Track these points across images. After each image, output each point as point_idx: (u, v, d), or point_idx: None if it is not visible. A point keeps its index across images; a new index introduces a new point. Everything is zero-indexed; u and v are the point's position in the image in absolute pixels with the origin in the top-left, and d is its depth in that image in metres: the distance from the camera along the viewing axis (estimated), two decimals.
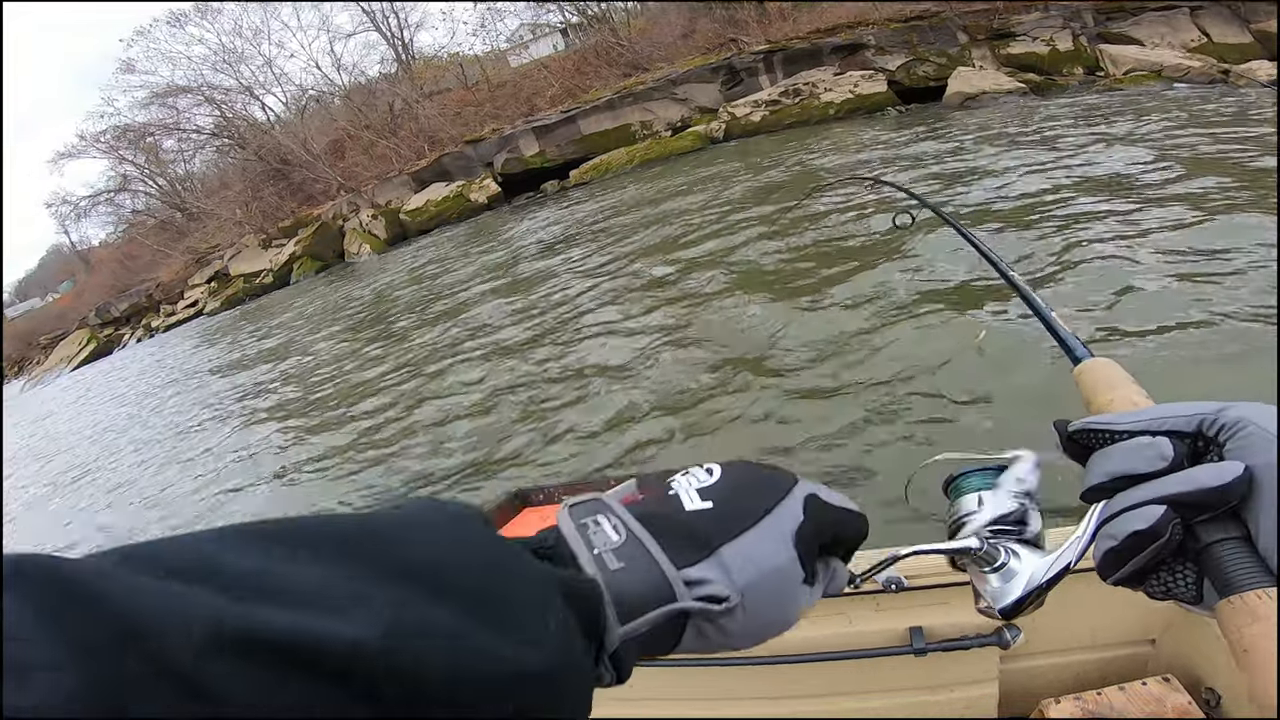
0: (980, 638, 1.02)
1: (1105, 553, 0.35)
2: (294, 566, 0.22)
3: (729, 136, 16.65)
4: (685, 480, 0.39)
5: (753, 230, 6.80)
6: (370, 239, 20.52)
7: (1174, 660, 1.11)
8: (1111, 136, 7.56)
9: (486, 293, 8.26)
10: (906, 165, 8.51)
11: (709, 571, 0.33)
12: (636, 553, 0.33)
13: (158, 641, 0.17)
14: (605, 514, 0.35)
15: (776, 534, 0.36)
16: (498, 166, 20.04)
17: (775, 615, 0.36)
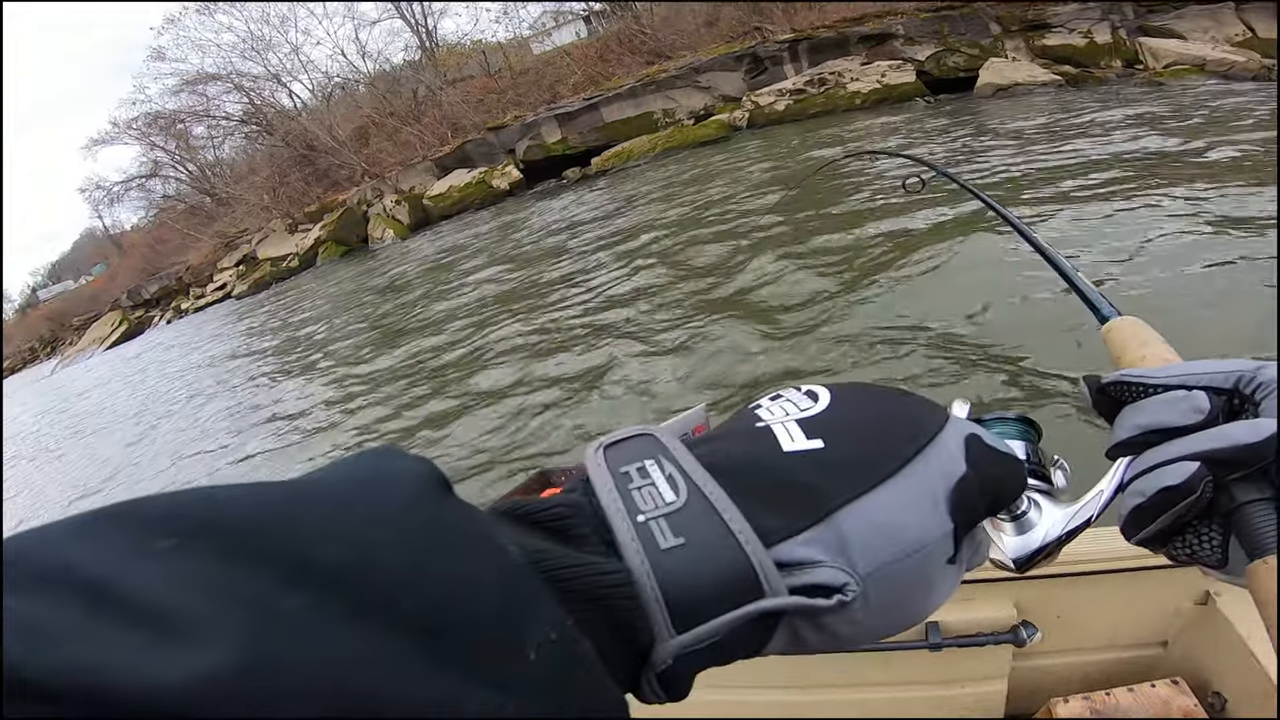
0: (996, 635, 1.05)
1: (1132, 509, 0.34)
2: (144, 564, 0.15)
3: (752, 125, 16.47)
4: (779, 407, 0.29)
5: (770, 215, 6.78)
6: (394, 224, 20.72)
7: (1184, 663, 1.13)
8: (1153, 119, 7.39)
9: (509, 277, 8.33)
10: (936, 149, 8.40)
11: (817, 548, 0.24)
12: (703, 521, 0.23)
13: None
14: (658, 459, 0.25)
15: (923, 493, 0.26)
16: (520, 153, 20.08)
17: (906, 611, 0.26)
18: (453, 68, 26.11)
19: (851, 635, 0.25)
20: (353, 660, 0.15)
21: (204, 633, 0.13)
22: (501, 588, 0.18)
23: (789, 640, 0.24)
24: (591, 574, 0.21)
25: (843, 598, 0.23)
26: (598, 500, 0.24)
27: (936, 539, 0.26)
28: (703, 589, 0.22)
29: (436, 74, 25.56)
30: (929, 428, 0.28)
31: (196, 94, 27.64)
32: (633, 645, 0.22)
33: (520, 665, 0.17)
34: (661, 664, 0.22)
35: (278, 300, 16.50)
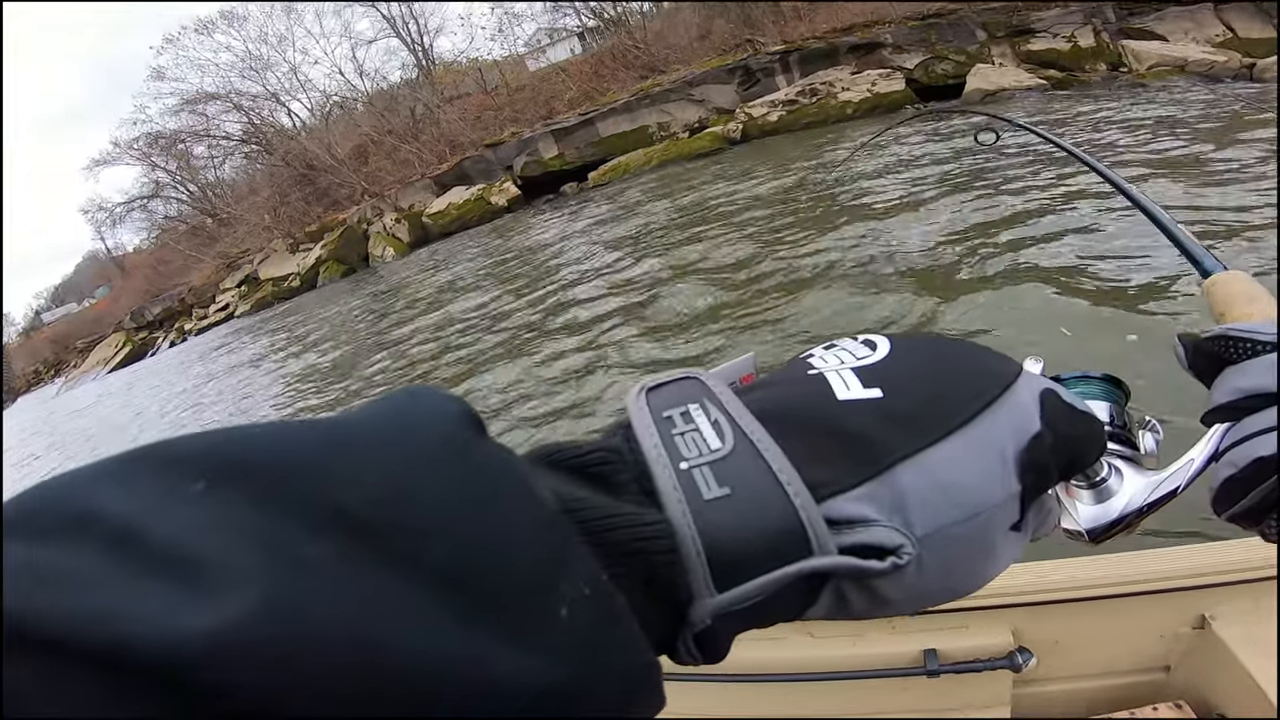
0: (993, 661, 1.05)
1: (1224, 481, 0.31)
2: (172, 509, 0.14)
3: (746, 137, 16.60)
4: (834, 356, 0.27)
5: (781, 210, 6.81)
6: (394, 242, 20.84)
7: (1187, 687, 1.12)
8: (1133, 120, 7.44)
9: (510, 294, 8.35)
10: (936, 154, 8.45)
11: (872, 505, 0.22)
12: (749, 470, 0.21)
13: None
14: (703, 403, 0.23)
15: (991, 451, 0.23)
16: (517, 169, 20.23)
17: (961, 578, 0.24)
18: (449, 85, 26.37)
19: (900, 601, 0.23)
20: (378, 611, 0.14)
21: (228, 581, 0.13)
22: (534, 538, 0.17)
23: (833, 603, 0.22)
24: (630, 525, 0.20)
25: (897, 560, 0.21)
26: (638, 446, 0.22)
27: (1001, 501, 0.23)
28: (747, 544, 0.20)
29: (434, 92, 25.81)
30: (1000, 380, 0.25)
31: (196, 113, 28.01)
32: (670, 603, 0.20)
33: (551, 622, 0.16)
34: (700, 623, 0.20)
35: (281, 320, 16.57)
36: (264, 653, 0.13)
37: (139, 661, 0.12)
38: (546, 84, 23.28)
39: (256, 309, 22.25)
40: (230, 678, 0.12)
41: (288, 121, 28.36)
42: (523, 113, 22.52)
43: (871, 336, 0.27)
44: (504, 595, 0.16)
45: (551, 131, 19.81)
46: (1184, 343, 0.36)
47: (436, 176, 21.77)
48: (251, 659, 0.13)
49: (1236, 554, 1.05)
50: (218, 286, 25.66)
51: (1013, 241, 4.61)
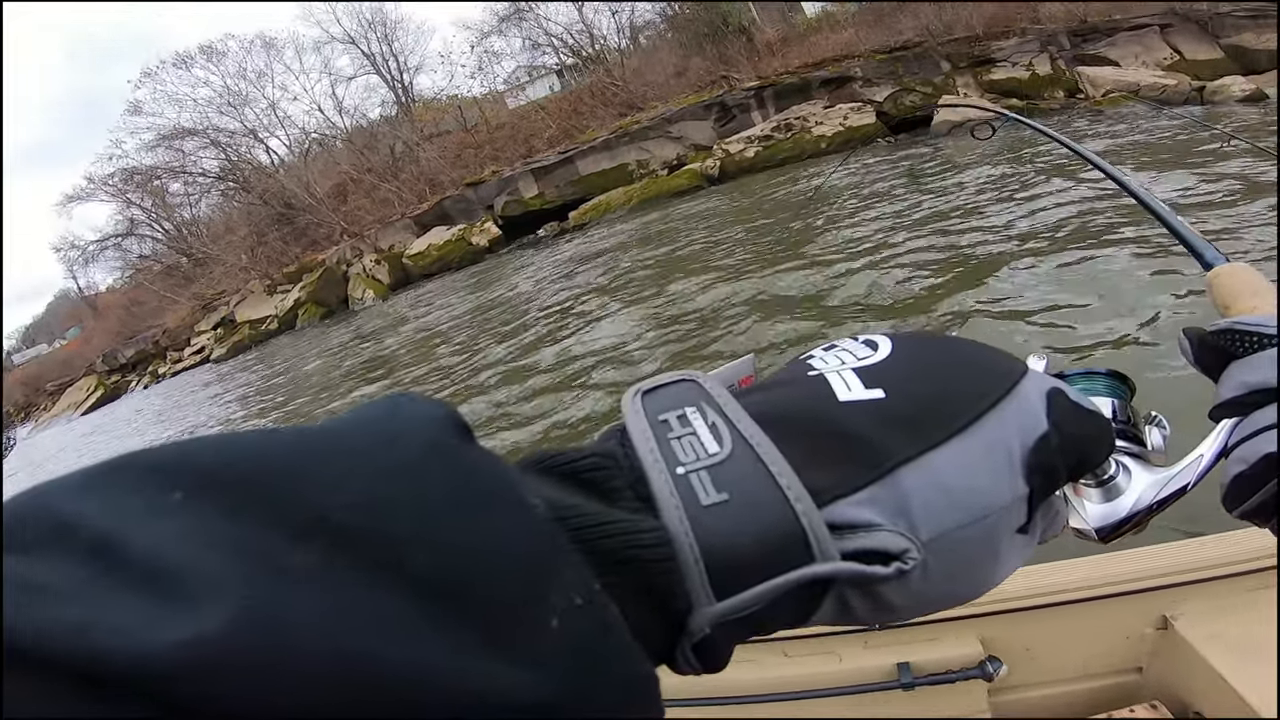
0: (965, 671, 1.06)
1: (1234, 478, 0.31)
2: (150, 519, 0.14)
3: (724, 174, 16.95)
4: (834, 356, 0.26)
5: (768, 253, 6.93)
6: (374, 284, 20.78)
7: (1160, 687, 1.14)
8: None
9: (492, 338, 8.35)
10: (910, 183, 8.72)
11: (875, 509, 0.21)
12: (748, 475, 0.21)
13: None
14: (700, 406, 0.23)
15: (997, 452, 0.23)
16: (498, 209, 20.40)
17: (967, 583, 0.24)
18: (429, 123, 26.72)
19: (904, 607, 0.22)
20: (359, 622, 0.14)
21: (206, 592, 0.13)
22: (523, 547, 0.17)
23: (836, 609, 0.22)
24: (624, 533, 0.19)
25: (902, 566, 0.21)
26: (634, 450, 0.21)
27: (1008, 504, 0.23)
28: (746, 551, 0.20)
29: (413, 129, 26.12)
30: (1005, 380, 0.25)
31: (173, 149, 27.91)
32: (668, 612, 0.20)
33: (541, 633, 0.16)
34: (698, 633, 0.20)
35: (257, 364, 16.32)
36: (243, 664, 0.12)
37: (116, 674, 0.12)
38: (526, 121, 23.71)
39: (233, 353, 21.91)
40: (208, 690, 0.12)
41: (266, 159, 28.48)
42: (503, 151, 22.85)
43: (873, 336, 0.27)
44: (491, 605, 0.15)
45: (531, 170, 20.08)
46: (1189, 337, 0.35)
47: (417, 216, 21.87)
48: (230, 671, 0.12)
49: (1194, 553, 1.08)
50: (192, 329, 25.30)
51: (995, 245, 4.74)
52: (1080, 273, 3.90)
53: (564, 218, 19.04)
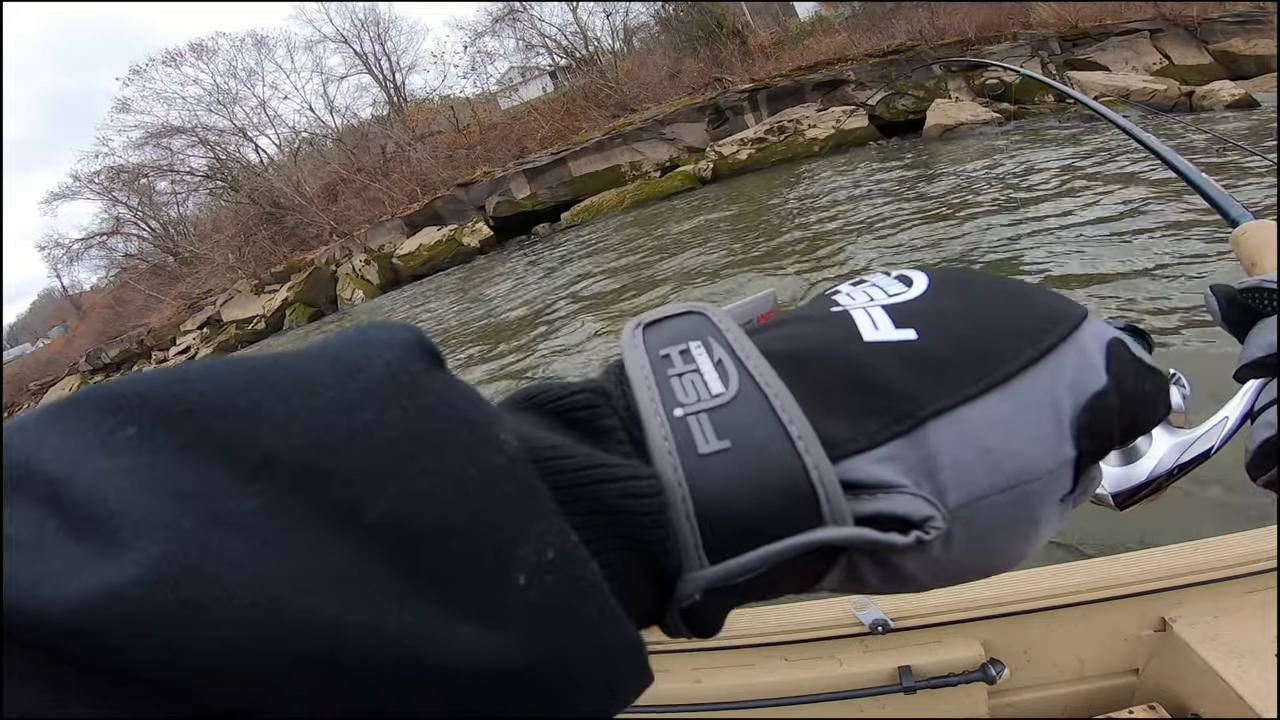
0: (966, 674, 1.05)
1: (1260, 444, 0.29)
2: (100, 458, 0.13)
3: (717, 176, 16.96)
4: (862, 292, 0.23)
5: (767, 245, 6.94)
6: (363, 284, 20.64)
7: (1158, 689, 1.14)
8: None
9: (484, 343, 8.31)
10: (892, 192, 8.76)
11: (897, 468, 0.18)
12: (754, 420, 0.18)
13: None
14: (707, 340, 0.20)
15: (1044, 408, 0.20)
16: (490, 210, 20.32)
17: (995, 556, 0.20)
18: (421, 123, 26.61)
19: (922, 579, 0.20)
20: (298, 571, 0.13)
21: (134, 537, 0.12)
22: (489, 491, 0.15)
23: (845, 577, 0.20)
24: (612, 479, 0.17)
25: (922, 535, 0.18)
26: (630, 387, 0.19)
27: (1052, 469, 0.20)
28: (747, 508, 0.17)
29: (405, 129, 26.01)
30: (1060, 325, 0.21)
31: (161, 147, 27.59)
32: (656, 571, 0.17)
33: (506, 590, 0.14)
34: (687, 599, 0.18)
35: None
36: (157, 615, 0.11)
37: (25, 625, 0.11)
38: (519, 122, 23.67)
39: (220, 353, 21.71)
40: (121, 644, 0.11)
41: (255, 158, 28.23)
42: (495, 151, 22.79)
43: (907, 272, 0.23)
44: (449, 557, 0.14)
45: (524, 171, 20.03)
46: (1216, 294, 0.33)
47: (407, 216, 21.76)
48: (141, 623, 0.11)
49: (1193, 556, 1.08)
50: (178, 328, 25.00)
51: None
52: (1094, 235, 3.91)
53: (556, 219, 18.99)
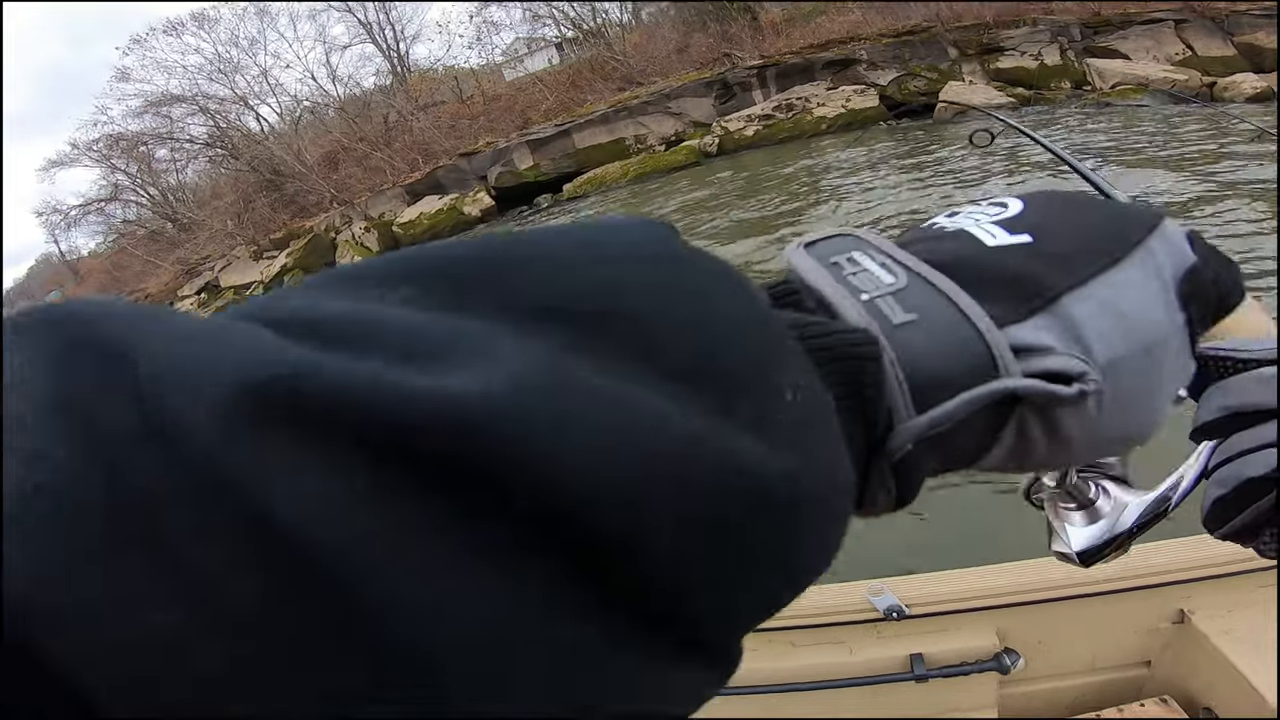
0: (980, 664, 1.03)
1: (1214, 502, 0.31)
2: (382, 308, 0.13)
3: (722, 151, 16.70)
4: (966, 216, 0.25)
5: None
6: (362, 251, 20.47)
7: (1170, 682, 1.12)
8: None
9: None
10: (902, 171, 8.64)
11: (1047, 333, 0.21)
12: (929, 300, 0.20)
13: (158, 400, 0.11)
14: (866, 250, 0.22)
15: (1154, 279, 0.23)
16: (491, 180, 20.09)
17: (1140, 414, 0.23)
18: (424, 93, 26.15)
19: (1082, 438, 0.22)
20: (622, 393, 0.13)
21: (476, 361, 0.12)
22: (756, 326, 0.16)
23: (1015, 441, 0.21)
24: (837, 331, 0.19)
25: (1084, 387, 0.20)
26: (813, 286, 0.21)
27: (1170, 332, 0.23)
28: (941, 367, 0.19)
29: (408, 99, 25.56)
30: (1147, 219, 0.24)
31: (160, 116, 27.17)
32: (870, 425, 0.19)
33: (778, 405, 0.15)
34: (899, 450, 0.19)
35: None
36: (537, 420, 0.12)
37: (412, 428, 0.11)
38: (523, 94, 23.26)
39: None
40: (505, 440, 0.12)
41: (256, 126, 27.80)
42: (498, 122, 22.43)
43: (999, 198, 0.26)
44: (736, 375, 0.15)
45: (527, 142, 19.75)
46: None
47: (408, 185, 21.50)
48: (524, 423, 0.12)
49: (1212, 549, 1.06)
50: (175, 294, 24.82)
51: None
52: None
53: (559, 190, 18.75)
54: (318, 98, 27.99)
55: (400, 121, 24.63)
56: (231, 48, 27.00)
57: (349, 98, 27.39)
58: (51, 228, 31.54)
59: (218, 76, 26.77)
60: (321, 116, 27.78)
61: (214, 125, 27.29)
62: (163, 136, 27.52)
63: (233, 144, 27.09)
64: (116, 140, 27.39)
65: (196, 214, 26.64)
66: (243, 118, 27.59)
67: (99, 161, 27.80)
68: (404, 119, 24.55)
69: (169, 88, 26.85)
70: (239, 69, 27.01)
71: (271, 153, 25.77)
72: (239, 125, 27.52)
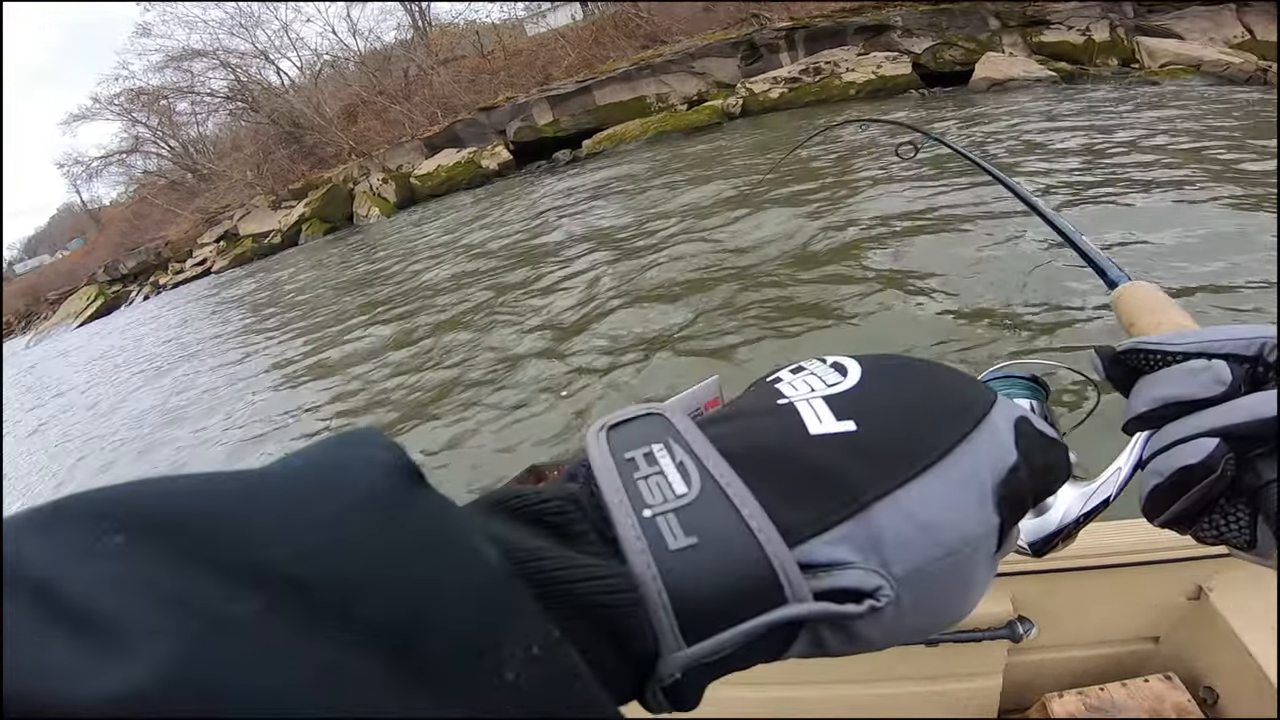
0: (992, 630, 1.03)
1: (1151, 490, 0.32)
2: (89, 563, 0.14)
3: (746, 112, 16.39)
4: (803, 382, 0.26)
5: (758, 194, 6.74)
6: (380, 202, 20.46)
7: (1175, 658, 1.12)
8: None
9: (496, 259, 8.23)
10: None
11: (847, 547, 0.21)
12: (717, 517, 0.20)
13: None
14: (667, 443, 0.22)
15: (969, 485, 0.23)
16: (510, 134, 19.87)
17: (940, 614, 0.23)
18: (445, 48, 25.69)
19: (878, 640, 0.22)
20: (300, 674, 0.13)
21: (139, 641, 0.12)
22: (474, 596, 0.16)
23: (810, 645, 0.22)
24: (587, 579, 0.19)
25: (874, 603, 0.21)
26: (599, 491, 0.21)
27: (980, 536, 0.23)
28: (717, 595, 0.19)
29: (428, 54, 25.15)
30: (976, 409, 0.25)
31: (181, 70, 27.08)
32: (635, 655, 0.19)
33: (495, 685, 0.15)
34: (669, 678, 0.19)
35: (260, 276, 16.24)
36: (174, 717, 0.12)
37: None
38: (545, 49, 22.78)
39: (235, 264, 21.76)
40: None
41: (276, 80, 27.56)
42: (518, 78, 22.05)
43: (841, 360, 0.27)
44: (441, 657, 0.15)
45: (547, 98, 19.42)
46: (1100, 356, 0.37)
47: (427, 138, 21.33)
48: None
49: None
50: (195, 241, 25.05)
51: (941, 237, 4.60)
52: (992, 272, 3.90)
53: (578, 146, 18.55)
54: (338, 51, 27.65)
55: (420, 75, 24.29)
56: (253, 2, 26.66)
57: (369, 52, 27.02)
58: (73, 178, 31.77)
59: (239, 31, 26.60)
60: (341, 70, 27.45)
61: (234, 79, 27.11)
62: (183, 90, 27.44)
63: (253, 97, 26.93)
64: (138, 94, 27.35)
65: (216, 165, 26.71)
66: (263, 71, 27.39)
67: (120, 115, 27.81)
68: (424, 73, 24.20)
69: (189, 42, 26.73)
70: (260, 23, 26.83)
71: (291, 106, 25.61)
72: (259, 79, 27.32)
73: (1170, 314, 0.44)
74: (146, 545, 0.14)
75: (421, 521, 0.17)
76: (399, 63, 25.63)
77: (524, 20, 25.85)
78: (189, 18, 26.59)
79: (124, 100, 27.58)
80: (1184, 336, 0.34)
